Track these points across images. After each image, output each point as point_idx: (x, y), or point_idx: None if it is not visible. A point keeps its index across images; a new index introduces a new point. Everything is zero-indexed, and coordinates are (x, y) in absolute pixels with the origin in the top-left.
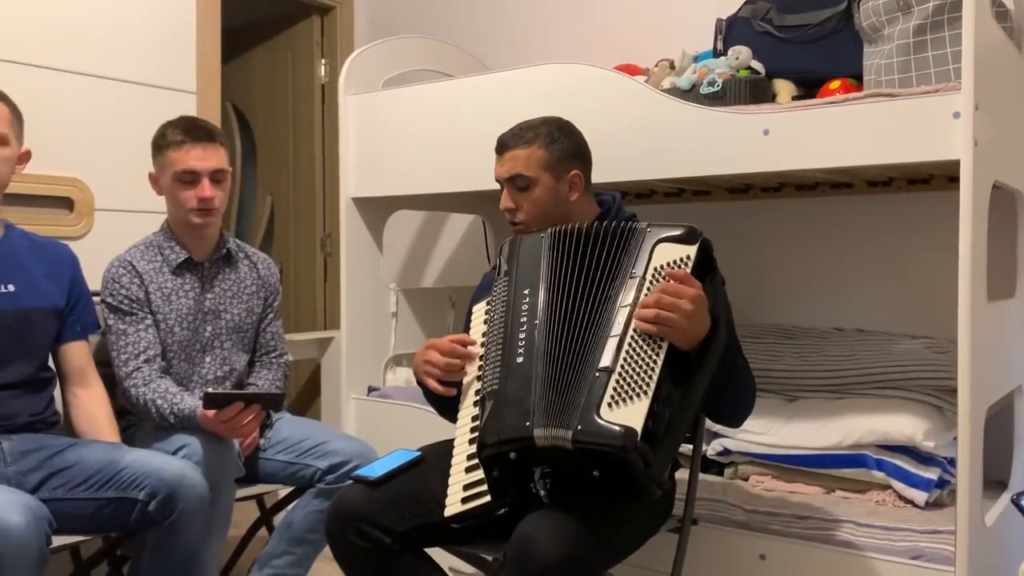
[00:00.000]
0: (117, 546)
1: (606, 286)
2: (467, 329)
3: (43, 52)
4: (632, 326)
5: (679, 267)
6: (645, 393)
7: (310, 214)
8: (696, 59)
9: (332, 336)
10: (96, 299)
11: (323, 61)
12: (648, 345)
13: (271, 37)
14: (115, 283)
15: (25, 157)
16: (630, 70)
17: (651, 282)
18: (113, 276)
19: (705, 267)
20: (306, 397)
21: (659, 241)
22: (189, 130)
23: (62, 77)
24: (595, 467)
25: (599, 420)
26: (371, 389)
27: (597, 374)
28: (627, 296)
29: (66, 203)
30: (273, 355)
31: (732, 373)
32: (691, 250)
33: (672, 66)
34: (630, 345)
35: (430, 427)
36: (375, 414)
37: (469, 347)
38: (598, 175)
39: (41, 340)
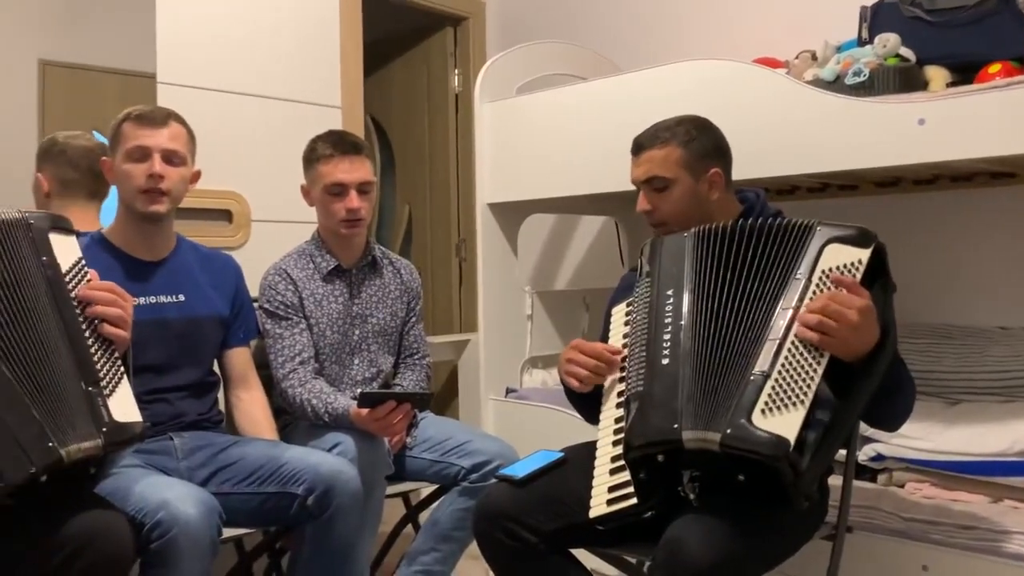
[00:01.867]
0: (277, 539)
1: (761, 286)
2: (606, 331)
3: (205, 75)
4: (793, 331)
5: (849, 273)
6: (802, 403)
7: (445, 221)
8: (839, 49)
9: (468, 338)
10: (254, 305)
11: (456, 71)
12: (809, 353)
13: (407, 50)
14: (272, 290)
15: (196, 177)
16: (769, 64)
17: (817, 286)
18: (270, 283)
19: (876, 272)
20: (444, 398)
21: (829, 241)
22: (337, 144)
23: (222, 97)
24: (741, 472)
25: (750, 426)
26: (509, 390)
27: (752, 377)
28: (789, 299)
29: (226, 215)
30: (416, 357)
31: (895, 384)
32: (863, 254)
33: (814, 57)
34: (789, 351)
35: (569, 428)
36: (513, 415)
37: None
38: (738, 172)
39: (208, 346)
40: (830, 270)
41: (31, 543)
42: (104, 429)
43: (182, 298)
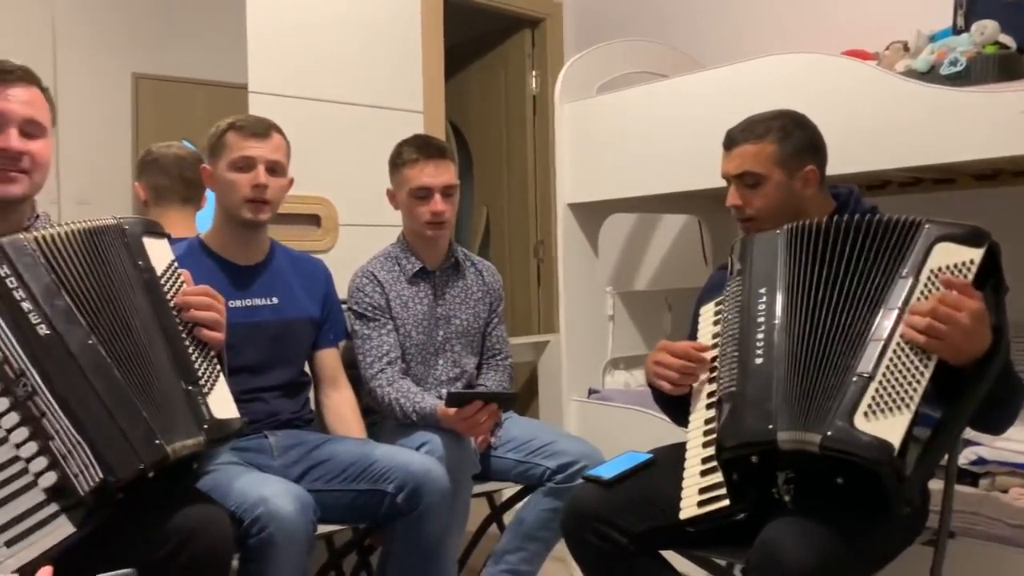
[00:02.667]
0: (366, 536)
1: (862, 285)
2: (695, 331)
3: (293, 84)
4: (899, 333)
5: (960, 273)
6: (907, 407)
7: (523, 222)
8: (932, 38)
9: (548, 339)
10: (343, 306)
11: (534, 72)
12: (916, 355)
13: (484, 53)
14: (360, 292)
15: (290, 184)
16: (858, 56)
17: (926, 286)
18: (358, 286)
19: (988, 273)
20: (524, 399)
21: (938, 240)
22: (422, 148)
23: (310, 105)
24: (840, 474)
25: (853, 429)
26: (591, 391)
27: (855, 379)
28: (895, 298)
29: (314, 220)
30: (499, 357)
31: (1006, 390)
32: (976, 254)
33: (906, 48)
34: (895, 353)
35: (653, 430)
36: (597, 416)
37: (703, 354)
38: (828, 167)
39: (300, 348)
40: (939, 270)
41: (138, 536)
42: (205, 426)
43: (275, 301)
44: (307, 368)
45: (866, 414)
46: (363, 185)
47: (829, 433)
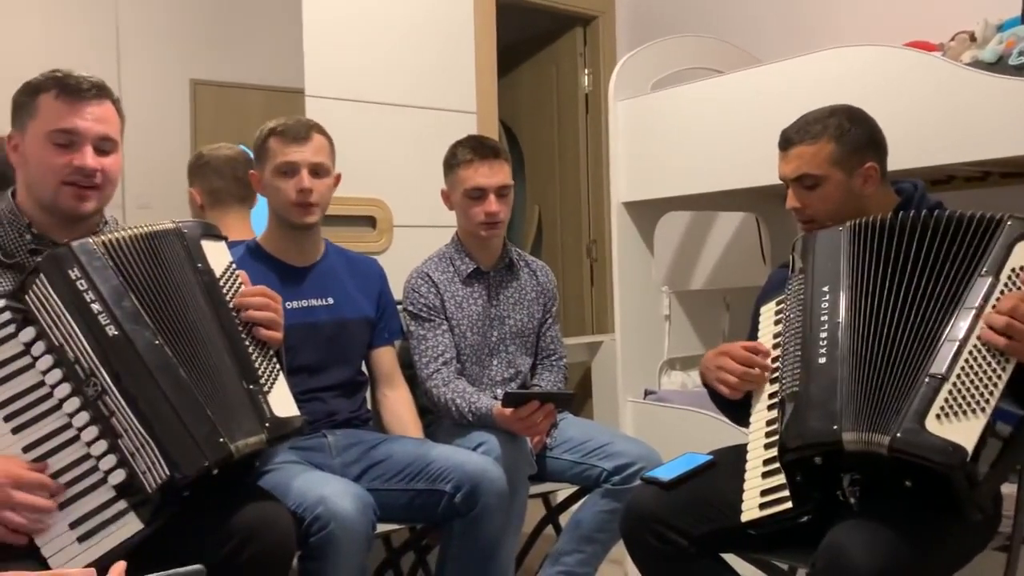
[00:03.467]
0: (423, 536)
1: (934, 284)
2: (755, 330)
3: (349, 87)
4: (976, 333)
5: None
6: (982, 410)
7: (576, 222)
8: (1000, 28)
9: (602, 340)
10: (399, 307)
11: (586, 70)
12: (993, 357)
13: (535, 52)
14: (415, 292)
15: (338, 180)
16: (922, 47)
17: (1006, 285)
18: (413, 286)
19: None
20: (577, 399)
21: (1021, 237)
22: (477, 149)
23: (365, 108)
24: (908, 477)
25: (924, 431)
26: (647, 392)
27: (927, 380)
28: (973, 297)
29: (369, 221)
30: (553, 358)
31: None
32: None
33: (972, 38)
34: (971, 354)
35: (711, 431)
36: (653, 417)
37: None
38: (891, 162)
39: (356, 347)
40: (1021, 269)
41: (202, 534)
42: (267, 424)
43: (331, 301)
44: (364, 367)
45: (938, 416)
46: (417, 186)
47: (898, 435)
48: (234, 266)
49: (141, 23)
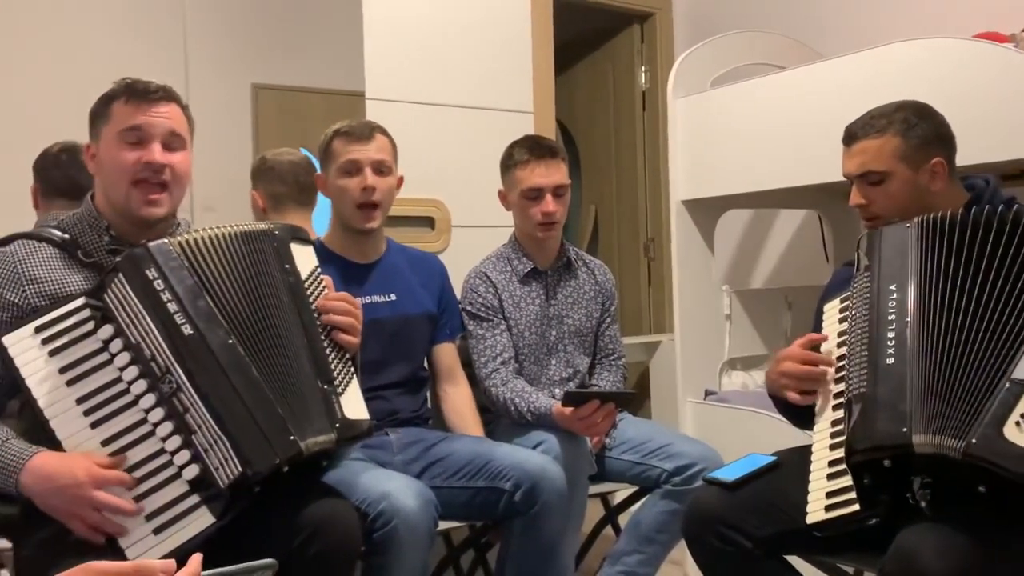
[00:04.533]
0: (483, 534)
1: (1012, 283)
2: (818, 329)
3: (408, 89)
4: None
5: None
6: None
7: (632, 220)
8: None
9: (660, 339)
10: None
11: (644, 68)
12: None
13: (592, 51)
14: (473, 292)
15: (400, 182)
16: (993, 39)
17: None
18: (471, 286)
19: None
20: (636, 400)
21: None
22: (534, 149)
23: (424, 109)
24: (982, 483)
25: (1001, 439)
26: (708, 393)
27: (1007, 385)
28: None
29: (428, 222)
30: (612, 357)
31: None
32: None
33: None
34: None
35: (775, 432)
36: (714, 418)
37: (823, 350)
38: (961, 158)
39: (418, 343)
40: None
41: (271, 528)
42: (337, 424)
43: (393, 297)
44: (425, 364)
45: (1018, 424)
46: (475, 187)
47: (974, 441)
48: (319, 270)
49: (205, 29)
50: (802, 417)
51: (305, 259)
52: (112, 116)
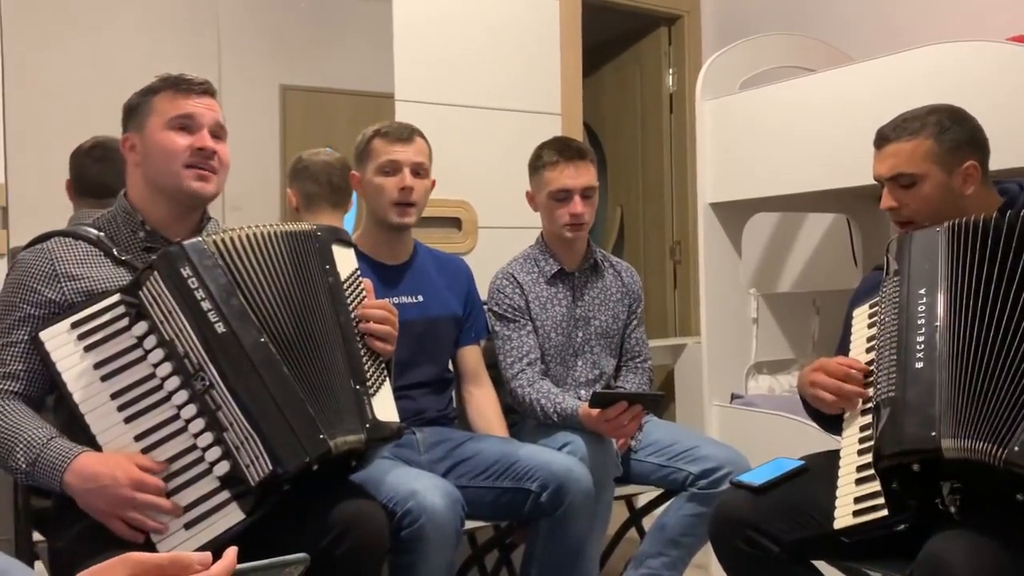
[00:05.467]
0: (507, 534)
1: None
2: (847, 334)
3: (436, 91)
4: None
5: None
6: None
7: (659, 223)
8: None
9: (686, 343)
10: (484, 307)
11: (671, 70)
12: None
13: (619, 53)
14: (500, 293)
15: (433, 185)
16: None
17: None
18: (498, 287)
19: None
20: (661, 403)
21: None
22: (562, 150)
23: (452, 111)
24: (1021, 490)
25: None
26: (734, 396)
27: None
28: None
29: (455, 223)
30: (638, 360)
31: None
32: None
33: None
34: None
35: (802, 437)
36: (740, 421)
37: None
38: (995, 162)
39: (444, 344)
40: None
41: (300, 527)
42: (367, 425)
43: (421, 299)
44: (451, 366)
45: None
46: (502, 188)
47: (1017, 448)
48: (359, 272)
49: (237, 31)
50: (830, 422)
51: (346, 261)
52: (157, 107)
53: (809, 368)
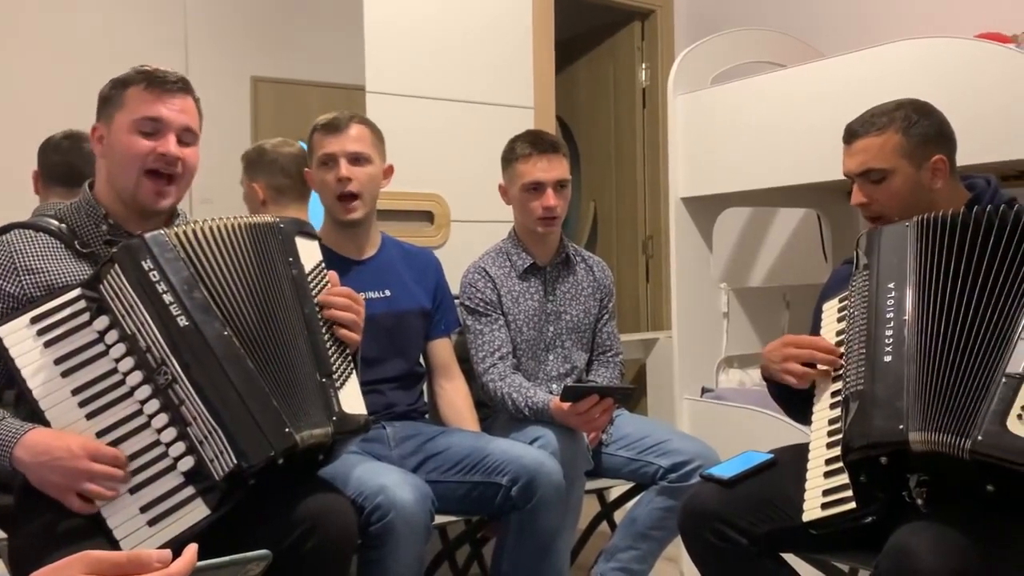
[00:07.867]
0: (479, 529)
1: (1008, 280)
2: (817, 328)
3: (408, 83)
4: None
5: None
6: None
7: (631, 217)
8: None
9: (658, 337)
10: (456, 301)
11: (644, 65)
12: None
13: (592, 47)
14: (472, 287)
15: (389, 172)
16: (994, 39)
17: None
18: (470, 281)
19: None
20: (633, 397)
21: None
22: (536, 143)
23: (423, 103)
24: (990, 481)
25: (1007, 433)
26: (705, 390)
27: (1003, 380)
28: None
29: (427, 216)
30: (609, 354)
31: None
32: None
33: None
34: None
35: (771, 430)
36: (711, 415)
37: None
38: (963, 157)
39: (413, 338)
40: None
41: (267, 523)
42: (334, 418)
43: (388, 293)
44: (421, 360)
45: (1020, 416)
46: (475, 181)
47: (980, 438)
48: (323, 265)
49: (205, 21)
50: (796, 406)
51: (310, 253)
52: (127, 102)
53: (776, 343)
